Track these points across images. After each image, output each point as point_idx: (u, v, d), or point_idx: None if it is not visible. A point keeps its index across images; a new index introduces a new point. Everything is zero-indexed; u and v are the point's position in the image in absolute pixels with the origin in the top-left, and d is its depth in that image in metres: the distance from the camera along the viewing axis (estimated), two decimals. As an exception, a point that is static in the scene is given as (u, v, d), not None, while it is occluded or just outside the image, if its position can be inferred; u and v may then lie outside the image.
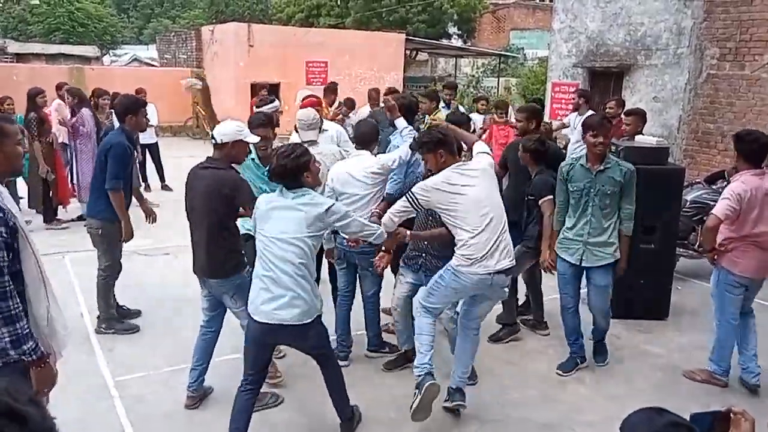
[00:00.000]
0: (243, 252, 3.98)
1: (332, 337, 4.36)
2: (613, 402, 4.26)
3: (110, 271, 5.15)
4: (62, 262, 6.81)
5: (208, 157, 3.89)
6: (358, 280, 4.75)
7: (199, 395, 4.09)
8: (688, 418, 1.77)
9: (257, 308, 3.37)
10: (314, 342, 3.52)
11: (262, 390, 3.93)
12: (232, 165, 3.86)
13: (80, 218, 8.54)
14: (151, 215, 5.43)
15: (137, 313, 5.52)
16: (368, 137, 4.67)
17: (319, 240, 3.49)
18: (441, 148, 3.79)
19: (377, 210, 4.39)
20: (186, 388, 4.07)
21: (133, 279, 6.36)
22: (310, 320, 3.35)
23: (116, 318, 5.24)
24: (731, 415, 1.80)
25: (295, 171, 3.37)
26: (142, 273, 6.60)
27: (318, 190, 3.70)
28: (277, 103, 5.31)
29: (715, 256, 4.37)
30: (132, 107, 5.04)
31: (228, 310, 4.05)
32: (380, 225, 3.85)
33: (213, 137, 3.85)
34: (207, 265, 3.85)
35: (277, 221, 3.35)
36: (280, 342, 3.58)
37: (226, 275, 3.84)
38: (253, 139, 3.91)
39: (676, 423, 1.71)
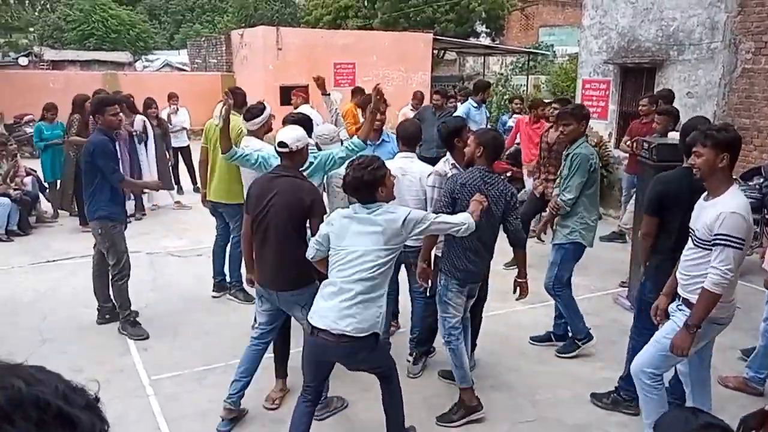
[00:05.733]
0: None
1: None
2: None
3: (118, 269, 5.11)
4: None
5: (278, 166, 3.79)
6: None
7: (236, 411, 3.91)
8: (724, 419, 1.75)
9: (311, 313, 3.28)
10: (369, 361, 3.38)
11: (329, 395, 3.95)
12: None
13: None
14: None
15: (134, 314, 5.40)
16: (415, 137, 4.63)
17: (396, 255, 3.30)
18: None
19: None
20: (224, 399, 3.90)
21: (167, 279, 6.50)
22: (362, 335, 3.15)
23: (131, 321, 5.20)
24: None
25: (370, 184, 3.21)
26: (175, 274, 6.72)
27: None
28: (266, 113, 5.19)
29: None
30: (98, 108, 5.11)
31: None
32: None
33: (284, 145, 3.70)
34: (280, 277, 3.71)
35: (354, 236, 3.22)
36: (330, 357, 3.35)
37: (300, 285, 3.70)
38: (312, 139, 3.90)
39: (711, 424, 1.69)
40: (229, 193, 5.62)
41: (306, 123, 4.20)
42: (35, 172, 9.06)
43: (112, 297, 5.35)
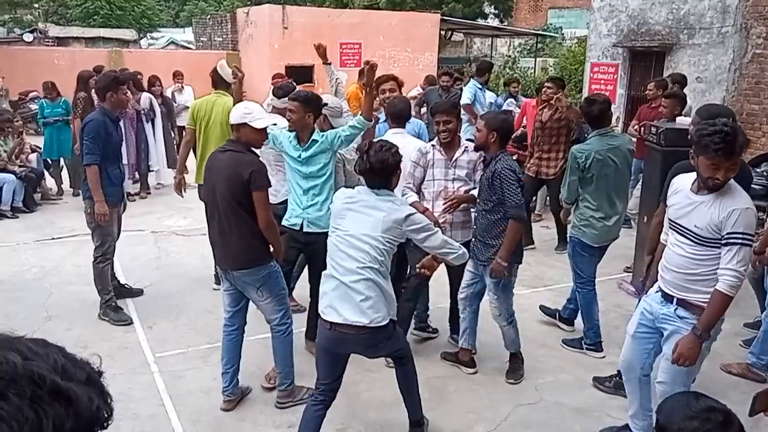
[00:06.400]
0: (268, 242, 3.73)
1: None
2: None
3: (101, 251, 5.01)
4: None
5: (228, 140, 3.77)
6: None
7: (236, 398, 3.93)
8: (727, 404, 1.75)
9: (324, 308, 3.16)
10: (389, 348, 3.31)
11: (296, 384, 3.94)
12: (252, 149, 3.68)
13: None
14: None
15: (139, 292, 5.52)
16: (403, 113, 4.63)
17: (394, 247, 3.21)
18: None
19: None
20: (221, 391, 3.93)
21: (172, 258, 6.52)
22: (375, 324, 3.07)
23: (112, 306, 5.12)
24: None
25: (391, 168, 3.16)
26: (179, 252, 6.73)
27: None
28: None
29: None
30: (112, 84, 4.95)
31: (251, 304, 3.91)
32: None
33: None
34: (229, 255, 3.66)
35: (354, 219, 3.14)
36: (350, 349, 3.26)
37: (250, 265, 3.63)
38: (260, 124, 3.64)
39: (713, 408, 1.69)
40: None
41: (314, 99, 4.16)
42: (40, 149, 9.08)
43: (116, 275, 5.37)
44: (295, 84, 5.21)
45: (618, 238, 4.83)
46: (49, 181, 9.03)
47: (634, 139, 7.97)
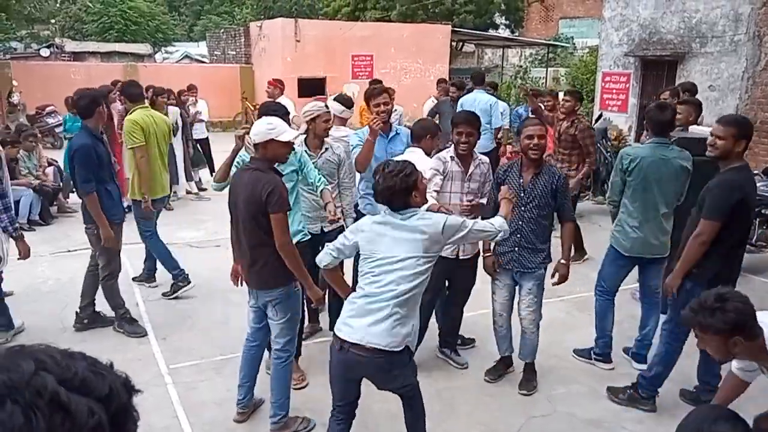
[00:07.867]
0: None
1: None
2: (664, 399, 4.16)
3: (108, 270, 5.01)
4: (118, 253, 7.05)
5: (251, 158, 3.70)
6: None
7: (249, 410, 3.94)
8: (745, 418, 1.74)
9: (340, 325, 3.03)
10: (402, 378, 3.12)
11: (290, 415, 3.83)
12: (275, 166, 3.61)
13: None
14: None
15: (111, 322, 5.24)
16: (417, 134, 4.59)
17: (432, 264, 3.09)
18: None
19: None
20: (236, 403, 3.93)
21: (186, 270, 6.54)
22: (391, 349, 2.93)
23: (127, 319, 5.14)
24: None
25: (404, 191, 3.01)
26: (193, 264, 6.76)
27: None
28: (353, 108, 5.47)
29: None
30: (100, 98, 4.88)
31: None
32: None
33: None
34: (254, 274, 3.63)
35: (391, 244, 3.02)
36: (362, 373, 3.12)
37: (270, 286, 3.60)
38: (287, 137, 3.54)
39: (734, 420, 1.67)
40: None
41: (278, 110, 4.16)
42: (57, 162, 9.20)
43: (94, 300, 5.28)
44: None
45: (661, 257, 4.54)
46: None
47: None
